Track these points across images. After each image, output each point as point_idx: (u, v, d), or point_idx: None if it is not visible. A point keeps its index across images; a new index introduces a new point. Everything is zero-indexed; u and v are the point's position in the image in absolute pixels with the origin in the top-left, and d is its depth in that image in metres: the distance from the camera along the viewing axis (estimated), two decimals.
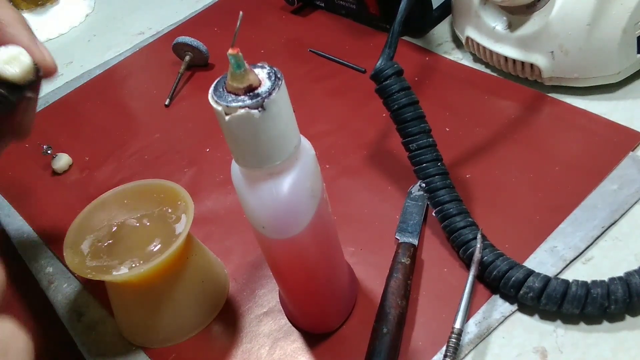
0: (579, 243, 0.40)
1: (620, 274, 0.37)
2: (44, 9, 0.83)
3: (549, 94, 0.52)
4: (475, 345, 0.37)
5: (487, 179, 0.46)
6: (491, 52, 0.53)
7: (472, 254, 0.39)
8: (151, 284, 0.39)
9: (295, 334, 0.41)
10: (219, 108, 0.27)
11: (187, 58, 0.66)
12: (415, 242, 0.43)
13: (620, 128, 0.47)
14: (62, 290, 0.48)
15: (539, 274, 0.37)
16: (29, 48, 0.36)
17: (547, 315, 0.38)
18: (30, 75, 0.34)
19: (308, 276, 0.36)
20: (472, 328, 0.38)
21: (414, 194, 0.46)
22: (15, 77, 0.33)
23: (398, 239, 0.43)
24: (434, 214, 0.43)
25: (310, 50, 0.65)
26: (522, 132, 0.49)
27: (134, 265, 0.37)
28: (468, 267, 0.40)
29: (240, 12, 0.27)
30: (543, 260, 0.40)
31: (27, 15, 0.83)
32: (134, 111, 0.65)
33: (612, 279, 0.36)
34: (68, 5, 0.84)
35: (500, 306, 0.39)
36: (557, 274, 0.39)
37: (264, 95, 0.27)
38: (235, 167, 0.31)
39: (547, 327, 0.37)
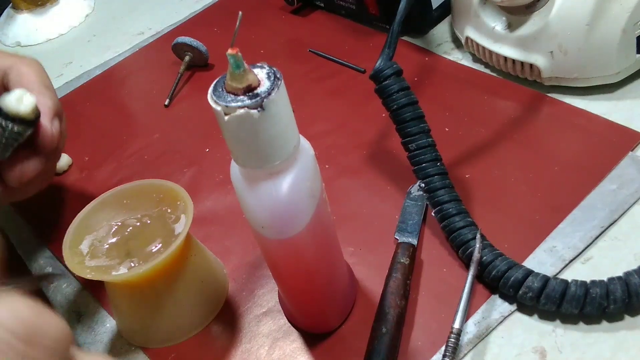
0: (578, 243, 0.40)
1: (619, 273, 0.37)
2: (43, 9, 0.83)
3: (549, 94, 0.52)
4: (475, 345, 0.37)
5: (487, 179, 0.46)
6: (490, 52, 0.53)
7: (472, 253, 0.39)
8: (150, 284, 0.39)
9: (295, 334, 0.41)
10: (218, 108, 0.27)
11: (187, 58, 0.66)
12: (415, 242, 0.43)
13: (620, 128, 0.47)
14: (61, 290, 0.48)
15: (538, 273, 0.37)
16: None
17: (546, 315, 0.38)
18: (36, 112, 0.39)
19: (307, 276, 0.36)
20: (471, 328, 0.38)
21: (413, 194, 0.46)
22: (26, 114, 0.38)
23: (397, 239, 0.43)
24: (433, 214, 0.43)
25: (310, 51, 0.65)
26: (521, 132, 0.49)
27: (133, 265, 0.37)
28: (467, 267, 0.40)
29: (240, 12, 0.27)
30: (542, 260, 0.40)
31: (26, 15, 0.83)
32: (134, 111, 0.65)
33: (611, 279, 0.36)
34: (68, 5, 0.84)
35: (499, 306, 0.39)
36: (556, 274, 0.39)
37: (263, 95, 0.27)
38: (234, 167, 0.31)
39: (546, 327, 0.37)
